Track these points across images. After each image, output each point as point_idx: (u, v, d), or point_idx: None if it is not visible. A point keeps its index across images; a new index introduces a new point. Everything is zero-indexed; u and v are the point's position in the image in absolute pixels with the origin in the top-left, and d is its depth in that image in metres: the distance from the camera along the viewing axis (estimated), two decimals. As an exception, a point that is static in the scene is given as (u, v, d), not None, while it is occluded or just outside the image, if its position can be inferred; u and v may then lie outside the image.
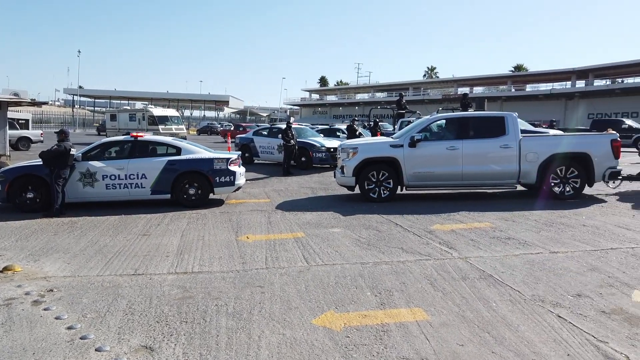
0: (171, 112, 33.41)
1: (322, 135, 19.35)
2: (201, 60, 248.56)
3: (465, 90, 57.72)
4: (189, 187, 9.43)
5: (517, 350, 3.43)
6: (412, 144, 9.59)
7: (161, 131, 26.62)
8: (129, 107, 44.36)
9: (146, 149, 9.72)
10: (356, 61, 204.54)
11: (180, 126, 31.94)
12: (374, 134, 18.64)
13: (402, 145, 9.68)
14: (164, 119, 29.23)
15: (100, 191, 9.25)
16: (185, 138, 25.62)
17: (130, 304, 4.38)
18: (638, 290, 4.59)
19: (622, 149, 10.05)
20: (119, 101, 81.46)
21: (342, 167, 10.00)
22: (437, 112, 15.19)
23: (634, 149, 20.01)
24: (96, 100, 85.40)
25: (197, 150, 9.92)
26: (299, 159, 16.17)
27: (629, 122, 29.40)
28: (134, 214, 8.68)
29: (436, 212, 8.47)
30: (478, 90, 71.78)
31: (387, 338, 3.65)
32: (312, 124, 33.72)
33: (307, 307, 4.28)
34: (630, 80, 55.43)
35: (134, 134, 10.16)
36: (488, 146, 9.63)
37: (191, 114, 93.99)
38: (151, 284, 4.92)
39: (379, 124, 27.87)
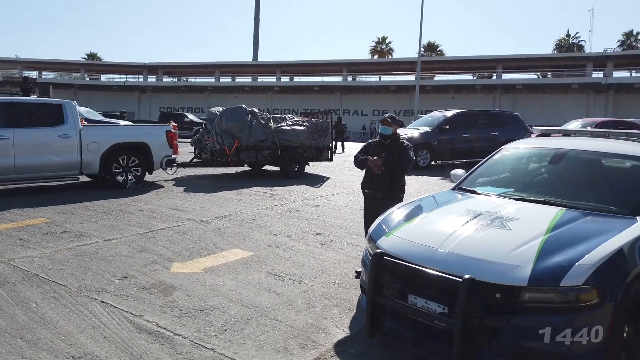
0: None
1: None
2: None
3: (33, 73, 51.90)
4: None
5: (52, 347, 3.30)
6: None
7: None
8: None
9: None
10: None
11: None
12: None
13: None
14: None
15: None
16: None
17: None
18: (176, 262, 5.26)
19: (183, 140, 11.34)
20: None
21: None
22: None
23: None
24: None
25: None
26: None
27: (191, 116, 33.77)
28: None
29: (-20, 213, 7.19)
30: (49, 75, 65.77)
31: None
32: None
33: None
34: (193, 79, 63.71)
35: None
36: (45, 135, 8.92)
37: None
38: None
39: None
